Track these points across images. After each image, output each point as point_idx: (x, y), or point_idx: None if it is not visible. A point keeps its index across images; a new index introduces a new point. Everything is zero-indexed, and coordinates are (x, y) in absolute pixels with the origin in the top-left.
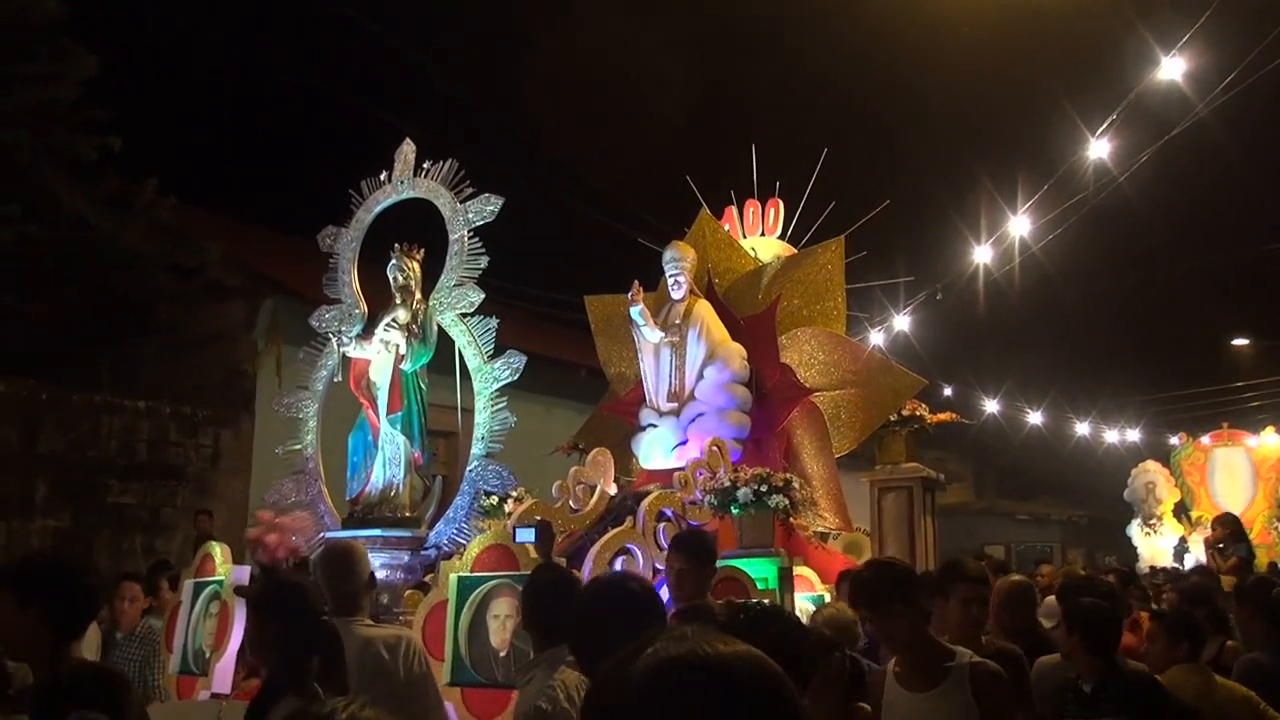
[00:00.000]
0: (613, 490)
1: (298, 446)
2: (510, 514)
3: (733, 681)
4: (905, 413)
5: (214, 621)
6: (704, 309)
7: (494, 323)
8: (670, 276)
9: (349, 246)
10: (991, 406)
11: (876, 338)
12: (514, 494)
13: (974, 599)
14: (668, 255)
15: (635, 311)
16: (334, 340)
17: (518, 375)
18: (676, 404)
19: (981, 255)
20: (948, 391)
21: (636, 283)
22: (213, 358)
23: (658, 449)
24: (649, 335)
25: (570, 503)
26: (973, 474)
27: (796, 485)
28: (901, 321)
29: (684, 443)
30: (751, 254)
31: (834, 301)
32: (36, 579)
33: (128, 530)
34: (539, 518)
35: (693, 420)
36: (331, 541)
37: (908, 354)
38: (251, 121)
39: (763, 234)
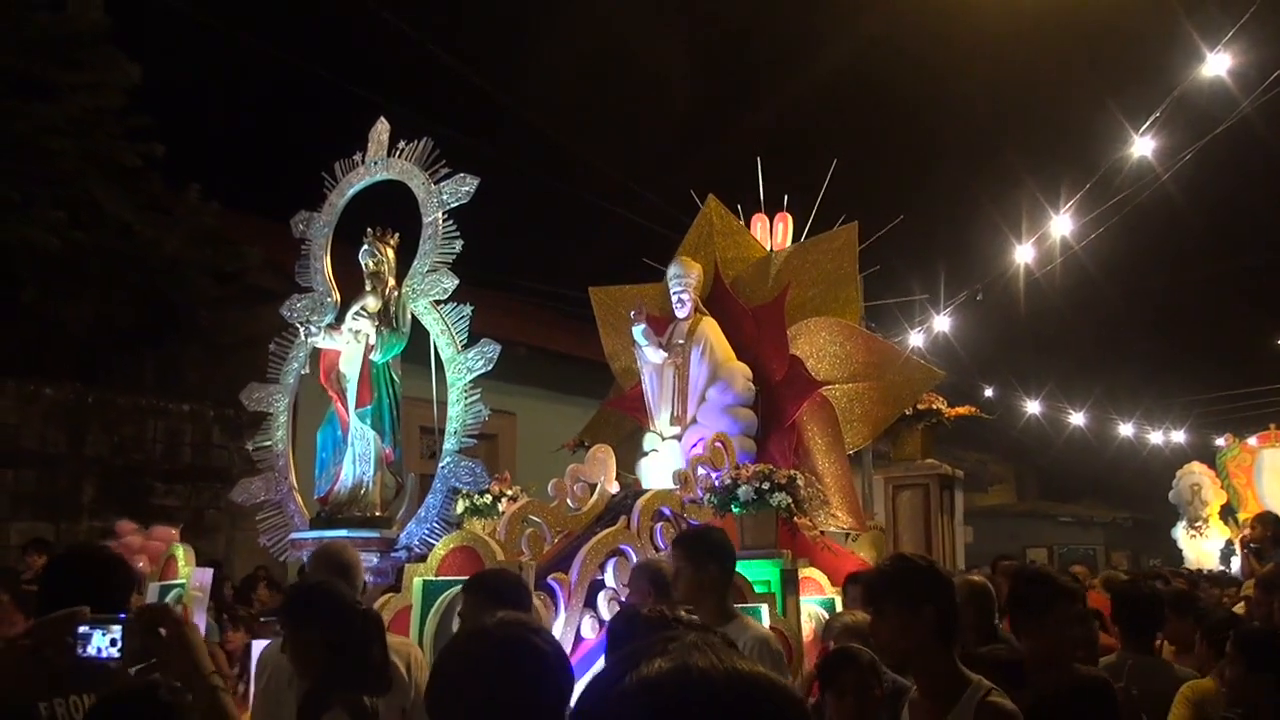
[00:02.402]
0: (614, 488)
1: (267, 443)
2: (504, 514)
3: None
4: (921, 406)
5: None
6: (708, 327)
7: (468, 310)
8: (674, 294)
9: (321, 232)
10: (1033, 407)
11: (916, 339)
12: (509, 493)
13: (1070, 620)
14: (671, 271)
15: (638, 332)
16: (302, 330)
17: (491, 365)
18: (679, 429)
19: (1023, 255)
20: (989, 392)
21: (639, 301)
22: (254, 360)
23: (659, 476)
24: (651, 356)
25: (568, 501)
26: (1014, 476)
27: (801, 482)
28: (941, 323)
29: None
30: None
31: (847, 291)
32: None
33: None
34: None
35: (694, 446)
36: (325, 543)
37: (948, 355)
38: (291, 126)
39: (771, 251)
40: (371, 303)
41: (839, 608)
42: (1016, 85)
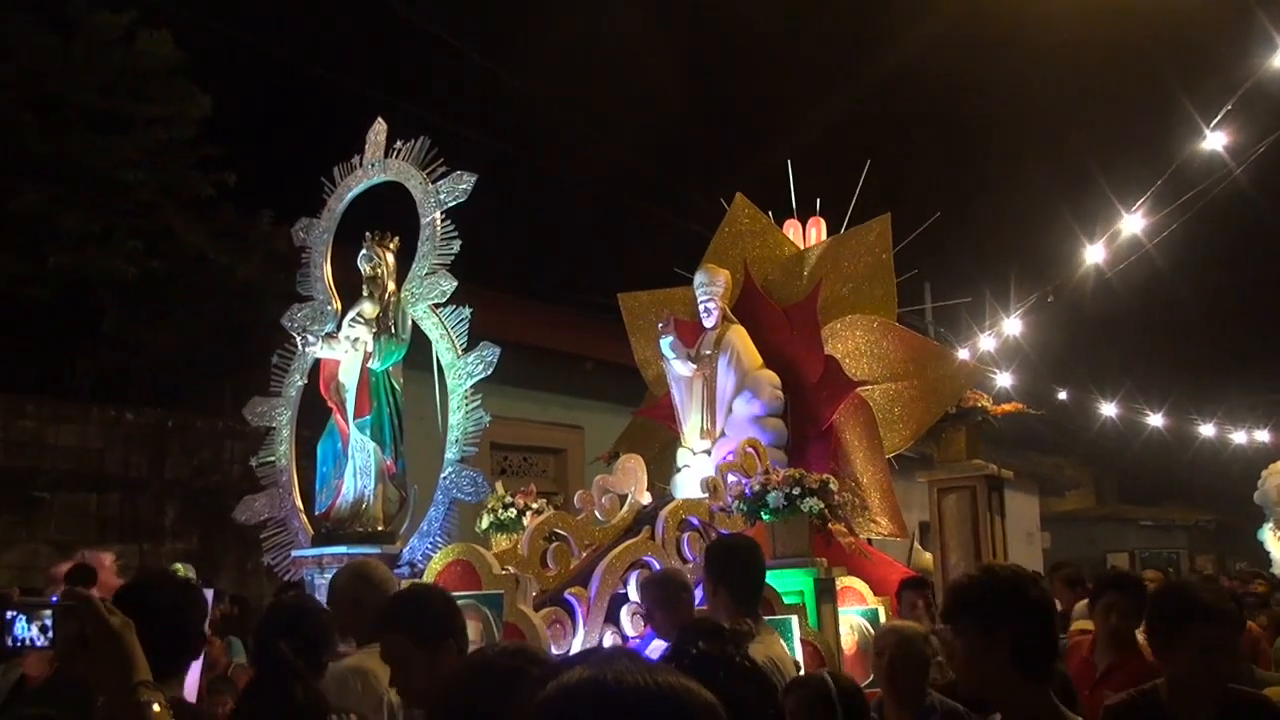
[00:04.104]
0: (646, 499)
1: (270, 459)
2: (528, 527)
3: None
4: (965, 405)
5: None
6: (735, 335)
7: (467, 312)
8: (701, 303)
9: (321, 239)
10: (1109, 409)
11: (987, 342)
12: (534, 506)
13: (1214, 646)
14: (698, 280)
15: (665, 344)
16: (299, 340)
17: (491, 369)
18: (709, 442)
19: (1094, 254)
20: (1062, 395)
21: (668, 312)
22: None
23: (692, 492)
24: (680, 369)
25: (595, 513)
26: (1092, 479)
27: (834, 487)
28: (1012, 325)
29: None
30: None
31: (883, 286)
32: None
33: (251, 552)
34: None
35: (725, 458)
36: (361, 561)
37: (1019, 358)
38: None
39: (804, 248)
40: (368, 308)
41: (883, 618)
42: (1084, 80)
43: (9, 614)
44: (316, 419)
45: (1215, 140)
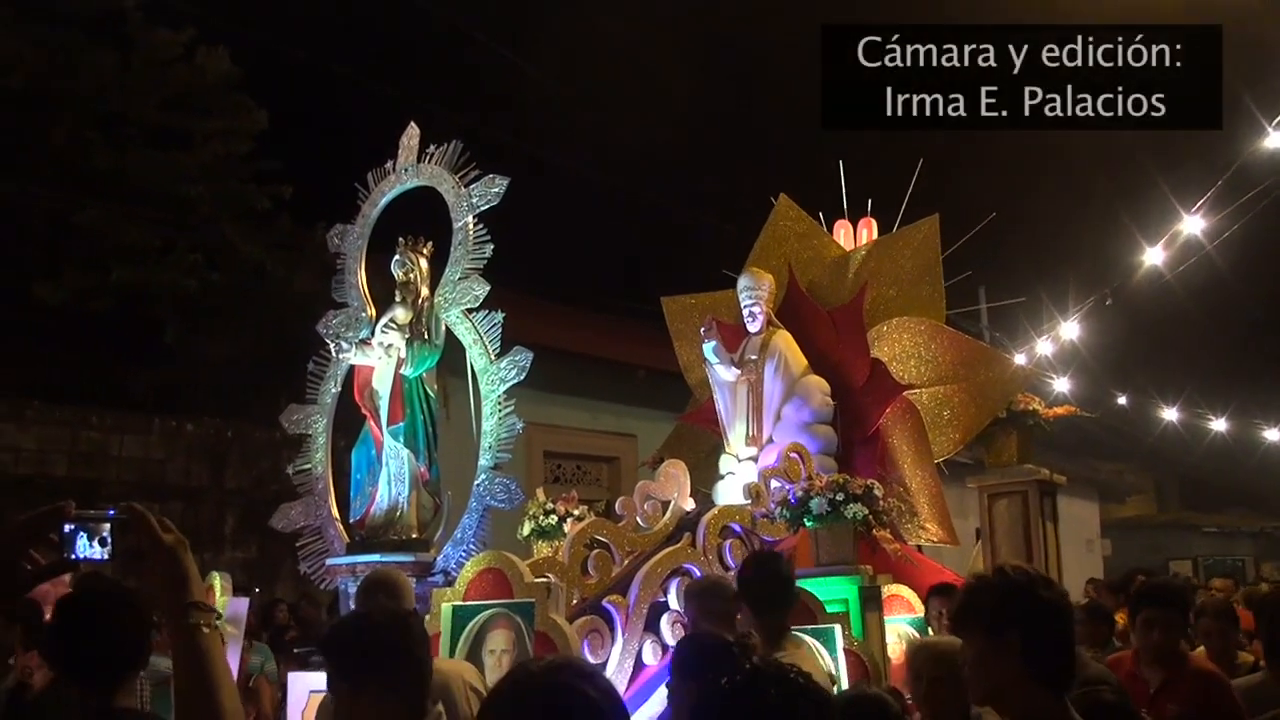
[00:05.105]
0: (689, 506)
1: (307, 466)
2: (569, 533)
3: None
4: (1017, 408)
5: None
6: (781, 340)
7: (499, 317)
8: (745, 307)
9: (355, 245)
10: (1170, 414)
11: (1044, 346)
12: (575, 513)
13: None
14: (741, 283)
15: (709, 349)
16: (333, 347)
17: (524, 375)
18: (755, 449)
19: (1154, 256)
20: (1122, 400)
21: (710, 316)
22: None
23: (735, 500)
24: (724, 374)
25: (637, 519)
26: (1154, 486)
27: (879, 492)
28: (1069, 329)
29: None
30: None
31: (930, 287)
32: None
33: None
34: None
35: (767, 466)
36: (374, 570)
37: (1077, 362)
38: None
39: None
40: (401, 314)
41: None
42: None
43: (69, 528)
44: (352, 426)
45: (1277, 139)
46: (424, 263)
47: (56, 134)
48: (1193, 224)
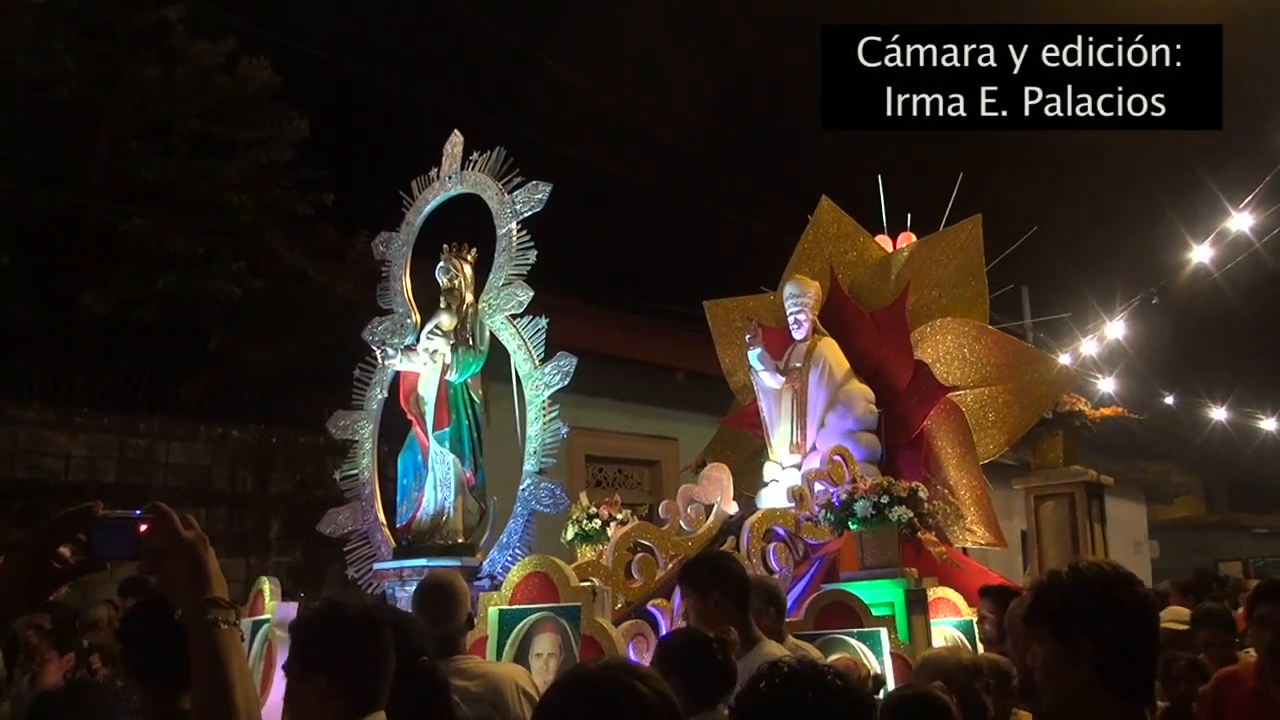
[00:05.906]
0: (732, 509)
1: (354, 472)
2: (613, 538)
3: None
4: (1062, 409)
5: (261, 664)
6: (826, 348)
7: (543, 323)
8: (790, 315)
9: (400, 252)
10: (1219, 414)
11: (1089, 347)
12: (619, 516)
13: None
14: (787, 291)
15: (754, 356)
16: (379, 354)
17: (568, 380)
18: (799, 456)
19: (1201, 254)
20: (1169, 399)
21: (755, 322)
22: None
23: (778, 506)
24: (769, 381)
25: (680, 523)
26: (1202, 486)
27: (924, 495)
28: (1115, 329)
29: None
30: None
31: (973, 288)
32: None
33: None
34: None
35: (811, 470)
36: (430, 574)
37: (1123, 362)
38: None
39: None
40: (446, 320)
41: (977, 630)
42: None
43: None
44: (398, 431)
45: None
46: (468, 269)
47: (101, 146)
48: (1241, 220)
